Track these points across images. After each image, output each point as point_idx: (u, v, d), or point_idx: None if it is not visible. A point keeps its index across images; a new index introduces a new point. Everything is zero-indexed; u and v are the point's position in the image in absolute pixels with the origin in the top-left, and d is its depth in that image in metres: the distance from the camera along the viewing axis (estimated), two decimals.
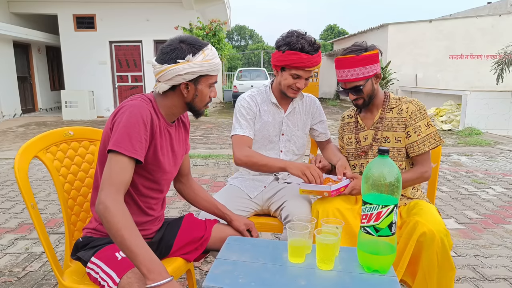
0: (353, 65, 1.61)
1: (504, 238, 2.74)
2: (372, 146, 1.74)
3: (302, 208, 1.70)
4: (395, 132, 1.69)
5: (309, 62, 1.69)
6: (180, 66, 1.22)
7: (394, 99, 1.73)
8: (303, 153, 1.99)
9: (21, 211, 3.24)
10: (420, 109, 1.66)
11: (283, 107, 1.89)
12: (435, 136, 1.64)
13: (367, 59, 1.60)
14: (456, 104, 9.11)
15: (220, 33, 10.31)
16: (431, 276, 1.41)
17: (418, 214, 1.48)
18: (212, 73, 1.29)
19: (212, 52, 1.28)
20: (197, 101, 1.32)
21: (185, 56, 1.23)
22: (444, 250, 1.39)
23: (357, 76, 1.62)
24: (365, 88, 1.65)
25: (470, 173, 4.62)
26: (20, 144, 6.58)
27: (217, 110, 13.40)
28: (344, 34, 38.67)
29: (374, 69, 1.63)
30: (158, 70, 1.25)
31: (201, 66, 1.25)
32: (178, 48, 1.24)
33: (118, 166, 1.14)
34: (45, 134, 1.43)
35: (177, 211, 3.26)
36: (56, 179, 1.43)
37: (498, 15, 14.16)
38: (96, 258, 1.23)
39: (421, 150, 1.63)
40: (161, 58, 1.26)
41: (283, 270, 1.11)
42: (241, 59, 38.61)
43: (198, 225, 1.52)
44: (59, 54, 11.46)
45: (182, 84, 1.26)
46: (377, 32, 14.97)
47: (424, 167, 1.65)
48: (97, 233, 1.33)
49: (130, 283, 1.10)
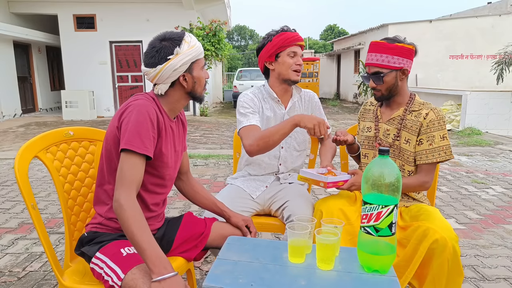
0: (382, 50, 1.58)
1: (504, 238, 2.74)
2: (392, 145, 1.70)
3: (304, 208, 1.70)
4: (407, 133, 1.66)
5: (296, 36, 1.80)
6: (173, 61, 1.27)
7: (418, 103, 1.68)
8: (305, 149, 2.00)
9: (21, 211, 3.24)
10: (440, 119, 1.61)
11: (283, 103, 1.91)
12: (446, 150, 1.60)
13: (398, 49, 1.57)
14: (456, 104, 9.11)
15: (220, 33, 10.32)
16: (440, 282, 1.41)
17: (427, 220, 1.47)
18: (200, 56, 1.35)
19: (192, 38, 1.34)
20: (196, 87, 1.37)
21: (173, 50, 1.28)
22: (455, 257, 1.38)
23: (382, 63, 1.59)
24: (386, 77, 1.60)
25: (470, 173, 4.62)
26: (20, 144, 6.59)
27: (217, 110, 13.40)
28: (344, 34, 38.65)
29: (402, 63, 1.59)
30: (153, 73, 1.29)
31: (189, 54, 1.30)
32: (162, 46, 1.29)
33: (130, 164, 1.20)
34: (45, 134, 1.43)
35: (177, 211, 3.26)
36: (56, 179, 1.43)
37: (498, 15, 14.15)
38: (101, 254, 1.24)
39: (429, 160, 1.60)
40: (150, 63, 1.29)
41: (283, 270, 1.11)
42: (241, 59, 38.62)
43: (197, 222, 1.55)
44: (59, 54, 11.46)
45: (180, 77, 1.32)
46: (377, 32, 14.97)
47: (426, 177, 1.62)
48: (102, 228, 1.34)
49: (135, 279, 1.12)
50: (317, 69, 17.47)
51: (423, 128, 1.62)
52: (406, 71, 1.63)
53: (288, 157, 1.93)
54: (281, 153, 1.91)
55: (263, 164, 1.92)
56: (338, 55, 20.40)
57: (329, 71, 21.30)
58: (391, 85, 1.63)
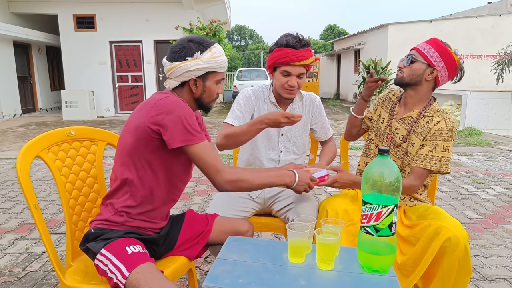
0: (431, 44, 1.59)
1: (504, 238, 2.74)
2: (400, 146, 1.69)
3: (310, 211, 1.70)
4: (415, 137, 1.65)
5: (294, 56, 1.66)
6: (189, 63, 1.31)
7: (434, 109, 1.65)
8: (304, 152, 1.99)
9: (21, 211, 3.25)
10: (449, 130, 1.56)
11: (282, 107, 1.88)
12: (443, 162, 1.55)
13: (443, 50, 1.57)
14: (456, 104, 9.11)
15: (220, 33, 10.32)
16: (449, 281, 1.41)
17: (438, 219, 1.46)
18: (219, 70, 1.38)
19: (219, 50, 1.37)
20: (205, 97, 1.41)
21: (193, 53, 1.32)
22: (466, 255, 1.39)
23: (423, 50, 1.58)
24: (415, 63, 1.60)
25: (470, 173, 4.62)
26: (20, 144, 6.59)
27: (217, 110, 13.39)
28: (344, 34, 38.65)
29: (439, 64, 1.57)
30: (169, 67, 1.35)
31: (208, 63, 1.33)
32: (187, 46, 1.33)
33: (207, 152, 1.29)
34: (47, 134, 1.43)
35: (177, 211, 3.26)
36: (58, 179, 1.43)
37: (498, 15, 14.15)
38: (106, 251, 1.24)
39: (423, 165, 1.56)
40: (171, 57, 1.35)
41: (283, 270, 1.11)
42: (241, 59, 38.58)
43: (200, 219, 1.56)
44: (59, 54, 11.47)
45: (191, 80, 1.35)
46: (377, 32, 14.96)
47: (416, 181, 1.57)
48: (109, 224, 1.34)
49: (139, 278, 1.13)
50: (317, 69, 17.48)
51: (430, 134, 1.59)
52: (435, 72, 1.58)
53: (287, 160, 1.92)
54: (280, 157, 1.90)
55: (263, 166, 1.91)
56: (338, 55, 20.40)
57: (329, 71, 21.30)
58: (415, 74, 1.60)
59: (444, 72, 1.59)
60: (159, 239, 1.42)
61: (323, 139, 2.00)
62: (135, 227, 1.35)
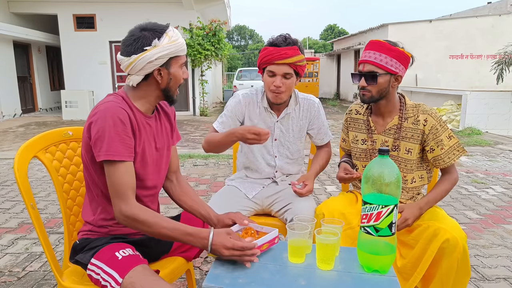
0: (382, 50, 1.53)
1: (504, 238, 2.73)
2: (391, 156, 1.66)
3: (307, 210, 1.69)
4: (407, 142, 1.62)
5: (277, 54, 1.62)
6: (149, 53, 1.20)
7: (410, 107, 1.63)
8: (299, 157, 1.95)
9: (21, 211, 3.24)
10: (440, 121, 1.59)
11: (276, 112, 1.83)
12: (458, 147, 1.59)
13: (398, 53, 1.52)
14: (456, 104, 9.11)
15: (220, 33, 10.32)
16: (448, 282, 1.41)
17: (436, 220, 1.46)
18: (181, 53, 1.28)
19: (175, 33, 1.26)
20: (172, 85, 1.30)
21: (151, 42, 1.21)
22: (465, 256, 1.38)
23: (380, 62, 1.52)
24: (380, 79, 1.53)
25: (470, 173, 4.62)
26: (20, 144, 6.58)
27: (217, 110, 13.39)
28: (344, 34, 38.64)
29: (399, 68, 1.54)
30: (127, 63, 1.23)
31: (168, 48, 1.23)
32: (141, 36, 1.22)
33: (119, 174, 1.17)
34: (44, 134, 1.43)
35: (177, 211, 3.26)
36: (55, 179, 1.43)
37: (498, 15, 14.15)
38: (96, 260, 1.22)
39: (447, 163, 1.59)
40: (126, 51, 1.23)
41: (283, 270, 1.11)
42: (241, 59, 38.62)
43: (195, 220, 1.52)
44: (59, 54, 11.45)
45: (155, 71, 1.24)
46: (377, 32, 14.97)
47: (453, 174, 1.63)
48: (93, 234, 1.32)
49: (133, 282, 1.11)
50: (317, 69, 17.49)
51: (426, 135, 1.59)
52: (399, 78, 1.58)
53: (284, 165, 1.91)
54: (276, 162, 1.89)
55: (260, 170, 1.91)
56: (338, 55, 20.40)
57: (329, 71, 21.31)
58: (383, 88, 1.56)
59: (404, 71, 1.59)
60: (147, 241, 1.37)
61: (320, 144, 1.97)
62: (120, 233, 1.32)
